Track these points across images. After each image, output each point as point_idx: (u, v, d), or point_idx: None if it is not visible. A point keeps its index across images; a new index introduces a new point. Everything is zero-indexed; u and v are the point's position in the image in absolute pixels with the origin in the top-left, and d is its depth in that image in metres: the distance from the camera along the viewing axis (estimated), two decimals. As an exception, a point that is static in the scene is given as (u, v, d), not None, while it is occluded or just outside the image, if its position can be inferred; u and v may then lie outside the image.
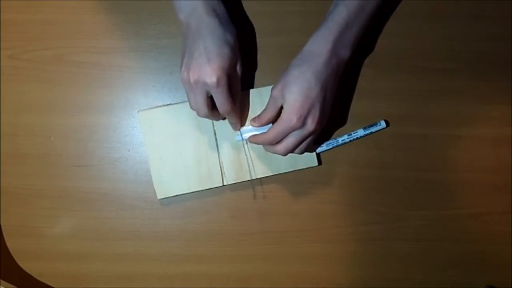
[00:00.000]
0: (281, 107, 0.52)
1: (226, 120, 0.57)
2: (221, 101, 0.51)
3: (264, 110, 0.55)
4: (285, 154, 0.54)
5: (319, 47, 0.52)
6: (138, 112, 0.58)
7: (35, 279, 0.60)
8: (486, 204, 0.61)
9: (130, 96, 0.60)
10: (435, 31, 0.60)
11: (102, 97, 0.60)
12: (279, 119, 0.52)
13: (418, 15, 0.60)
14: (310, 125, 0.51)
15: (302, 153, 0.56)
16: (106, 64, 0.60)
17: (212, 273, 0.61)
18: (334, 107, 0.55)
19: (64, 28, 0.60)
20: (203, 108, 0.52)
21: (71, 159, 0.60)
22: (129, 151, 0.61)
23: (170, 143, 0.58)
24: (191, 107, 0.53)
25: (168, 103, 0.60)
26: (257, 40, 0.60)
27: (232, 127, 0.57)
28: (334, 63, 0.52)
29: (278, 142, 0.53)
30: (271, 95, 0.53)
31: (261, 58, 0.60)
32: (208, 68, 0.48)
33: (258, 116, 0.55)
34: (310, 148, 0.57)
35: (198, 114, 0.53)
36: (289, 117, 0.51)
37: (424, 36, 0.60)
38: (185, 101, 0.59)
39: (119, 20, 0.60)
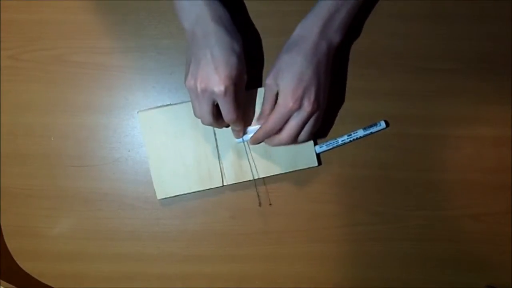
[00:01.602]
0: (277, 94, 0.52)
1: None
2: (227, 110, 0.51)
3: (263, 103, 0.55)
4: (290, 142, 0.54)
5: (308, 32, 0.52)
6: (138, 112, 0.58)
7: (35, 279, 0.60)
8: (486, 204, 0.61)
9: (130, 97, 0.60)
10: (435, 31, 0.60)
11: (102, 97, 0.60)
12: (276, 106, 0.52)
13: (418, 15, 0.60)
14: (307, 106, 0.51)
15: (308, 139, 0.55)
16: (106, 64, 0.60)
17: (212, 273, 0.61)
18: (331, 89, 0.55)
19: (64, 28, 0.60)
20: (208, 116, 0.52)
21: (71, 159, 0.60)
22: (129, 151, 0.61)
23: (170, 144, 0.58)
24: (195, 115, 0.53)
25: (168, 103, 0.60)
26: (258, 40, 0.60)
27: (235, 134, 0.57)
28: (324, 46, 0.52)
29: (280, 131, 0.53)
30: (265, 85, 0.53)
31: (261, 58, 0.60)
32: (216, 77, 0.48)
33: (260, 113, 0.55)
34: (314, 130, 0.55)
35: (203, 122, 0.53)
36: (285, 101, 0.51)
37: (424, 36, 0.60)
38: (185, 102, 0.59)
39: (119, 20, 0.60)
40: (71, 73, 0.60)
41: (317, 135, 0.59)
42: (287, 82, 0.51)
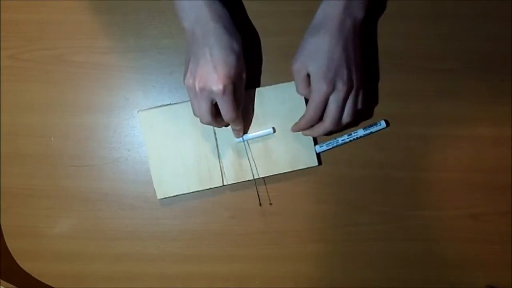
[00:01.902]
0: (307, 76, 0.52)
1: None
2: (226, 109, 0.51)
3: (296, 87, 0.54)
4: (335, 126, 0.53)
5: (331, 11, 0.51)
6: (138, 112, 0.58)
7: (35, 279, 0.60)
8: (486, 204, 0.61)
9: (130, 96, 0.60)
10: (435, 31, 0.60)
11: (102, 97, 0.60)
12: (311, 93, 0.52)
13: (418, 15, 0.60)
14: (342, 86, 0.51)
15: (354, 119, 0.54)
16: (106, 64, 0.60)
17: (212, 273, 0.61)
18: (365, 66, 0.55)
19: (64, 28, 0.60)
20: (207, 115, 0.52)
21: (71, 159, 0.60)
22: (129, 151, 0.61)
23: (170, 143, 0.58)
24: (194, 113, 0.53)
25: (168, 103, 0.60)
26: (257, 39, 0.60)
27: (235, 134, 0.57)
28: (350, 24, 0.52)
29: (321, 119, 0.53)
30: (293, 70, 0.53)
31: (260, 58, 0.60)
32: (215, 76, 0.48)
33: (298, 92, 0.54)
34: (357, 109, 0.54)
35: (201, 121, 0.53)
36: (319, 85, 0.51)
37: (424, 36, 0.60)
38: (185, 101, 0.59)
39: (119, 20, 0.60)
40: (71, 73, 0.60)
41: (362, 116, 0.59)
42: (318, 65, 0.50)
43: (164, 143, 0.58)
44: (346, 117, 0.53)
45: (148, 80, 0.60)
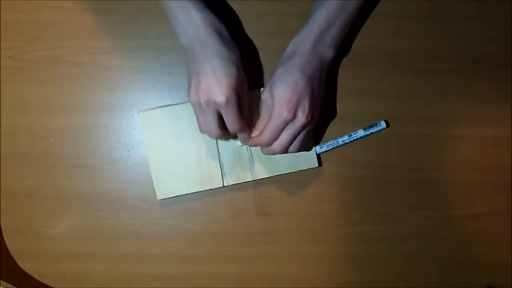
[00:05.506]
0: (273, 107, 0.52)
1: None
2: (231, 120, 0.51)
3: (260, 117, 0.55)
4: (281, 152, 0.54)
5: (300, 48, 0.53)
6: (138, 112, 0.58)
7: (35, 279, 0.60)
8: (486, 204, 0.61)
9: (130, 97, 0.60)
10: (435, 31, 0.60)
11: (102, 97, 0.60)
12: (271, 116, 0.52)
13: (418, 15, 0.60)
14: (302, 116, 0.51)
15: (298, 150, 0.55)
16: (106, 64, 0.60)
17: (212, 273, 0.61)
18: (324, 105, 0.55)
19: (64, 28, 0.60)
20: (215, 128, 0.52)
21: (71, 159, 0.60)
22: (129, 151, 0.61)
23: (170, 144, 0.58)
24: (201, 131, 0.53)
25: (168, 103, 0.60)
26: (257, 40, 0.60)
27: (241, 140, 0.57)
28: (318, 61, 0.53)
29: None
30: (262, 100, 0.54)
31: (261, 58, 0.60)
32: (217, 88, 0.49)
33: (255, 126, 0.55)
34: (306, 146, 0.57)
35: (210, 136, 0.53)
36: (280, 111, 0.51)
37: (424, 36, 0.60)
38: (185, 102, 0.59)
39: (119, 20, 0.60)
40: (71, 73, 0.60)
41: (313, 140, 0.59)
42: (282, 91, 0.51)
43: (164, 144, 0.58)
44: (293, 147, 0.54)
45: (148, 80, 0.60)
